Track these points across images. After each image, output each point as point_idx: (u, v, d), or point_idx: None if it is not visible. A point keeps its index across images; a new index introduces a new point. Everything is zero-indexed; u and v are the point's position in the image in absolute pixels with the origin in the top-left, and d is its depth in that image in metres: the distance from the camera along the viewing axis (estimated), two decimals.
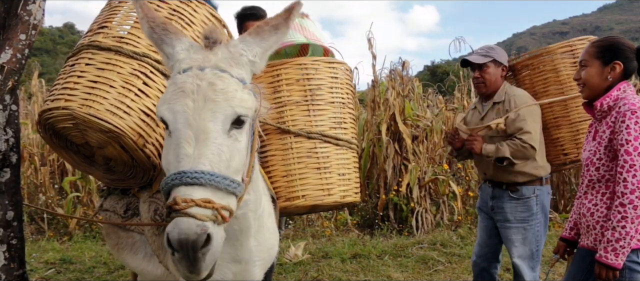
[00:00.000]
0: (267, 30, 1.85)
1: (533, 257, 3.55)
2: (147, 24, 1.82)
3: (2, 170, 2.65)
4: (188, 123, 1.59)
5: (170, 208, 1.48)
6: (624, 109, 2.42)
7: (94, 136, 2.30)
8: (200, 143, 1.57)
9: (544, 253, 5.83)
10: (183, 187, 1.50)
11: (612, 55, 2.55)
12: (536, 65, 3.64)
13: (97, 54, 2.36)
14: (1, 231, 2.64)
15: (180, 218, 1.45)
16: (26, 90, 9.21)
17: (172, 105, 1.63)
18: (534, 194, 3.49)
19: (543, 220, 3.55)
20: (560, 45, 3.59)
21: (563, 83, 3.50)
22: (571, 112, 3.52)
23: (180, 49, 1.76)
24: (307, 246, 6.27)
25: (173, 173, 1.54)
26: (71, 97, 2.25)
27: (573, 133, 3.53)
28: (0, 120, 2.63)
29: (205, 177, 1.52)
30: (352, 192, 2.99)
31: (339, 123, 2.95)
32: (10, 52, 2.63)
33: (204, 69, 1.68)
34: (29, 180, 7.89)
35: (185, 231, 1.43)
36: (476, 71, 3.60)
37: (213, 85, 1.64)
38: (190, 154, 1.55)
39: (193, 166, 1.52)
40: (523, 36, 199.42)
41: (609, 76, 2.55)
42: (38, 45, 30.77)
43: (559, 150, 3.62)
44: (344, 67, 3.09)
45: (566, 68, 3.49)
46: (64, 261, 5.84)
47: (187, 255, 1.45)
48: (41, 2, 2.75)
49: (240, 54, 1.78)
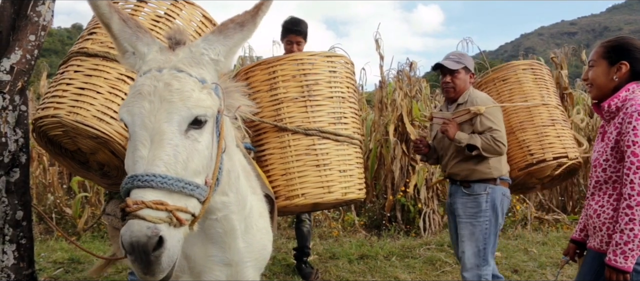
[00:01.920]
0: (231, 28, 1.80)
1: (479, 255, 3.61)
2: (117, 16, 1.75)
3: (12, 170, 2.67)
4: (144, 125, 1.57)
5: (123, 211, 1.47)
6: (631, 110, 2.40)
7: (84, 142, 2.31)
8: (155, 145, 1.54)
9: (553, 255, 5.82)
10: (135, 190, 1.49)
11: (618, 55, 2.53)
12: (501, 78, 4.05)
13: (86, 60, 2.38)
14: (11, 230, 2.65)
15: (132, 221, 1.44)
16: (35, 90, 9.26)
17: (130, 108, 1.61)
18: (485, 191, 3.60)
19: (493, 220, 3.63)
20: (521, 63, 4.08)
21: (526, 93, 3.90)
22: (535, 117, 3.88)
23: (146, 51, 1.74)
24: (315, 247, 6.26)
25: (127, 177, 1.53)
26: (59, 105, 2.26)
27: (538, 135, 3.84)
28: (10, 120, 2.64)
29: (156, 180, 1.49)
30: (355, 189, 2.94)
31: (339, 118, 2.90)
32: (20, 53, 2.65)
33: (162, 70, 1.65)
34: (38, 180, 7.94)
35: (135, 233, 1.41)
36: (447, 76, 3.75)
37: (169, 86, 1.61)
38: (144, 156, 1.53)
39: (146, 169, 1.50)
40: (531, 37, 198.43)
41: (615, 76, 2.53)
42: (47, 46, 30.91)
43: (525, 151, 3.90)
44: (343, 60, 3.04)
45: (528, 81, 3.94)
46: (72, 260, 5.87)
47: (139, 258, 1.43)
48: (50, 4, 2.76)
49: (201, 53, 1.75)
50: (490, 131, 3.52)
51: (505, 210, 3.77)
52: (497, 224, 3.66)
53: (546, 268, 5.42)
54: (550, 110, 3.91)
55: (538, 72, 4.00)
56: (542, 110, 3.88)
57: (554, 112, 3.92)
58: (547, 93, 3.96)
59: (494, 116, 3.59)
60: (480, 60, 9.03)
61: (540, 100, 3.89)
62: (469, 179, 3.65)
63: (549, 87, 4.02)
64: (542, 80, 3.98)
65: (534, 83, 3.95)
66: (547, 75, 4.10)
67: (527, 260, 5.75)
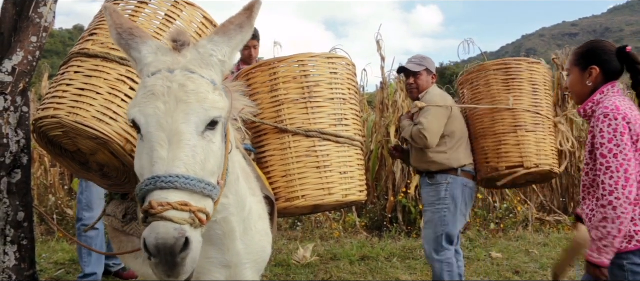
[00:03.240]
0: (232, 30, 1.80)
1: (437, 240, 3.87)
2: (115, 30, 1.77)
3: (14, 171, 2.67)
4: (160, 126, 1.55)
5: (147, 213, 1.44)
6: (598, 113, 2.48)
7: (83, 143, 2.31)
8: (174, 146, 1.53)
9: (554, 257, 5.81)
10: (158, 191, 1.47)
11: (588, 60, 2.61)
12: (472, 79, 4.03)
13: (86, 61, 2.37)
14: (12, 231, 2.66)
15: (157, 223, 1.42)
16: (37, 92, 9.28)
17: (143, 108, 1.59)
18: (446, 181, 3.86)
19: (453, 208, 3.85)
20: (493, 63, 3.97)
21: (493, 97, 3.83)
22: (497, 124, 3.83)
23: (147, 53, 1.72)
24: (316, 248, 6.26)
25: (147, 179, 1.50)
26: (59, 106, 2.26)
27: (496, 144, 3.83)
28: (12, 122, 2.65)
29: (180, 181, 1.48)
30: (355, 191, 2.93)
31: (340, 120, 2.89)
32: (21, 54, 2.65)
33: (174, 71, 1.64)
34: (39, 181, 7.95)
35: (162, 235, 1.40)
36: (410, 78, 4.09)
37: (184, 87, 1.61)
38: (164, 157, 1.51)
39: (167, 170, 1.49)
40: (532, 38, 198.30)
41: (588, 81, 2.60)
42: (48, 47, 31.00)
43: (482, 159, 3.93)
44: (345, 62, 3.03)
45: (498, 83, 3.83)
46: (73, 261, 5.86)
47: (165, 260, 1.42)
48: (52, 5, 2.77)
49: (210, 54, 1.74)
50: (419, 124, 3.80)
51: (469, 200, 3.99)
52: (456, 212, 3.87)
53: (547, 269, 5.41)
54: (516, 116, 3.76)
55: (513, 72, 3.82)
56: (506, 116, 3.77)
57: (521, 117, 3.75)
58: (520, 95, 3.78)
59: (429, 113, 3.82)
60: (481, 61, 9.04)
61: (506, 105, 3.75)
62: (431, 170, 3.92)
63: (524, 88, 3.80)
64: (517, 81, 3.80)
65: (503, 85, 3.81)
66: (528, 75, 3.85)
67: (528, 262, 5.74)
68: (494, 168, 3.83)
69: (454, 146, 3.89)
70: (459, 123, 3.97)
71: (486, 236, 6.86)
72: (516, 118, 3.77)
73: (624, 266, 2.46)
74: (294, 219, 7.40)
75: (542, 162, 3.77)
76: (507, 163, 3.78)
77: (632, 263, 2.44)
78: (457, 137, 3.91)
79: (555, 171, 3.89)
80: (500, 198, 7.81)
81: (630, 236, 2.44)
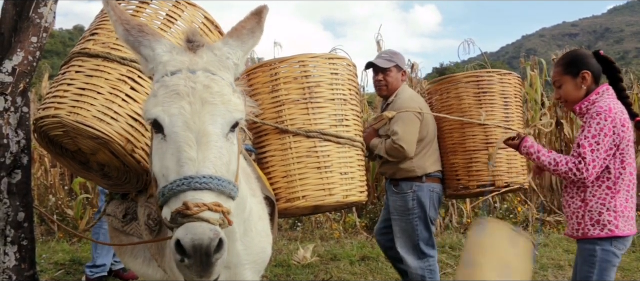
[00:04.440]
0: (245, 34, 1.82)
1: (416, 248, 3.81)
2: (122, 26, 1.76)
3: (14, 172, 2.67)
4: (188, 126, 1.55)
5: (180, 214, 1.44)
6: (592, 111, 2.72)
7: (84, 143, 2.31)
8: (203, 147, 1.53)
9: (554, 257, 5.81)
10: (192, 192, 1.46)
11: (578, 67, 2.83)
12: (443, 90, 3.91)
13: (87, 61, 2.37)
14: (12, 232, 2.65)
15: (193, 223, 1.42)
16: (37, 92, 9.27)
17: (167, 108, 1.58)
18: (411, 190, 3.76)
19: (422, 215, 3.78)
20: (465, 75, 3.86)
21: (464, 111, 3.72)
22: (467, 140, 3.74)
23: (162, 51, 1.72)
24: (316, 249, 6.26)
25: (178, 179, 1.49)
26: (60, 105, 2.26)
27: (466, 161, 3.75)
28: (12, 122, 2.65)
29: (214, 181, 1.49)
30: (356, 191, 2.93)
31: (340, 120, 2.89)
32: (21, 54, 2.65)
33: (195, 71, 1.65)
34: (39, 181, 7.95)
35: (199, 235, 1.40)
36: (379, 74, 3.90)
37: (208, 88, 1.62)
38: (194, 158, 1.51)
39: (198, 170, 1.49)
40: (532, 38, 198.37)
41: (582, 85, 2.82)
42: (48, 48, 31.00)
43: (452, 175, 3.86)
44: (346, 62, 3.03)
45: (469, 97, 3.71)
46: (73, 262, 5.87)
47: (200, 260, 1.42)
48: (52, 5, 2.77)
49: (227, 57, 1.76)
50: (393, 134, 3.61)
51: (437, 203, 3.91)
52: (426, 218, 3.80)
53: (547, 269, 5.41)
54: (488, 132, 3.67)
55: (485, 85, 3.71)
56: (478, 132, 3.68)
57: (492, 133, 3.66)
58: (492, 109, 3.68)
59: (402, 120, 3.64)
60: (481, 61, 9.04)
61: (478, 119, 3.65)
62: (395, 177, 3.81)
63: (496, 102, 3.71)
64: (489, 95, 3.70)
65: (474, 98, 3.70)
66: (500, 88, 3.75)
67: None
68: (464, 186, 3.78)
69: (421, 152, 3.77)
70: (429, 126, 3.83)
71: None
72: (487, 135, 3.68)
73: (595, 252, 2.74)
74: (294, 219, 7.39)
75: (513, 180, 3.73)
76: (477, 182, 3.73)
77: (603, 249, 2.72)
78: (426, 141, 3.80)
79: (525, 186, 3.89)
80: (500, 199, 7.81)
81: (603, 224, 2.70)
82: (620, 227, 2.71)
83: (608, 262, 2.74)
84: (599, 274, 2.73)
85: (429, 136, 3.80)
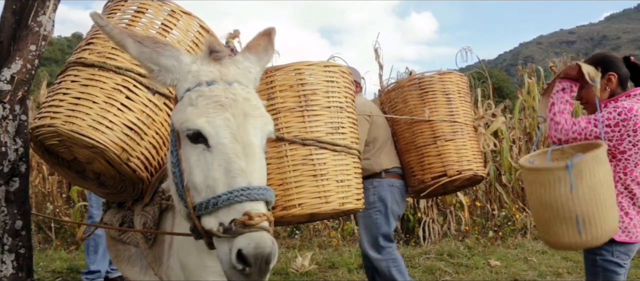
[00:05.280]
0: (261, 51, 1.87)
1: (378, 243, 4.08)
2: (131, 39, 1.74)
3: (12, 180, 2.67)
4: (235, 138, 1.58)
5: (242, 224, 1.47)
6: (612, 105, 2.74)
7: (80, 152, 2.31)
8: (250, 158, 1.57)
9: (553, 264, 5.81)
10: (249, 203, 1.50)
11: (604, 69, 2.82)
12: (391, 98, 4.15)
13: (83, 70, 2.37)
14: (10, 240, 2.65)
15: (255, 233, 1.46)
16: (35, 99, 9.27)
17: (211, 119, 1.60)
18: (372, 186, 4.00)
19: (383, 209, 4.04)
20: (406, 80, 4.10)
21: (411, 112, 3.93)
22: (417, 137, 3.95)
23: (189, 61, 1.73)
24: (314, 257, 6.25)
25: (235, 190, 1.51)
26: (56, 115, 2.26)
27: (419, 157, 3.94)
28: (10, 130, 2.65)
29: (267, 193, 1.55)
30: (352, 199, 2.93)
31: (336, 128, 2.88)
32: (20, 62, 2.66)
33: (232, 83, 1.68)
34: (37, 189, 7.94)
35: (261, 245, 1.44)
36: None
37: (248, 101, 1.66)
38: (245, 169, 1.54)
39: (250, 182, 1.53)
40: (530, 45, 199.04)
41: (607, 87, 2.83)
42: (47, 55, 30.99)
43: (409, 173, 4.06)
44: (342, 70, 3.03)
45: (413, 99, 3.92)
46: (71, 270, 5.86)
47: (259, 269, 1.46)
48: (51, 14, 2.77)
49: (249, 71, 1.79)
50: None
51: (399, 197, 4.13)
52: (387, 212, 4.05)
53: (546, 277, 5.41)
54: (434, 127, 3.85)
55: (426, 85, 3.92)
56: (425, 128, 3.87)
57: (438, 127, 3.84)
58: (435, 106, 3.87)
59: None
60: (479, 69, 9.07)
61: (423, 117, 3.85)
62: None
63: (438, 99, 3.90)
64: (431, 94, 3.89)
65: (418, 99, 3.91)
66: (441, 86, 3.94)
67: (527, 269, 5.74)
68: (421, 181, 3.94)
69: (377, 152, 4.02)
70: (382, 129, 4.07)
71: (485, 244, 6.85)
72: (434, 130, 3.85)
73: (596, 262, 2.74)
74: (292, 227, 7.39)
75: (464, 168, 3.84)
76: (431, 174, 3.88)
77: (604, 259, 2.72)
78: (379, 142, 4.03)
79: (479, 174, 3.96)
80: (499, 206, 7.81)
81: None
82: (619, 234, 2.67)
83: (610, 272, 2.71)
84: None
85: (382, 137, 4.06)
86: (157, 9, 2.55)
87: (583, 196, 2.47)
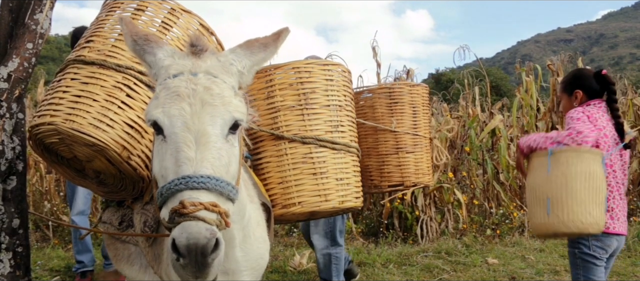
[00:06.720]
0: (256, 46, 1.86)
1: (327, 237, 4.38)
2: (131, 37, 1.81)
3: (9, 178, 2.67)
4: (187, 127, 1.57)
5: (177, 213, 1.44)
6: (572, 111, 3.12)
7: (80, 150, 2.30)
8: (201, 147, 1.54)
9: (551, 262, 5.81)
10: (189, 191, 1.47)
11: (572, 86, 3.26)
12: (357, 101, 4.11)
13: (82, 68, 2.37)
14: (7, 238, 2.64)
15: (188, 222, 1.42)
16: (32, 98, 9.25)
17: (166, 109, 1.60)
18: None
19: None
20: (378, 87, 4.18)
21: (377, 119, 3.98)
22: (380, 145, 4.01)
23: (163, 56, 1.76)
24: (312, 255, 6.24)
25: (176, 178, 1.50)
26: (56, 113, 2.26)
27: (379, 164, 4.00)
28: (7, 128, 2.64)
29: (211, 181, 1.49)
30: (351, 197, 2.93)
31: (336, 126, 2.89)
32: (17, 60, 2.65)
33: (197, 73, 1.67)
34: (35, 187, 7.91)
35: (194, 235, 1.40)
36: None
37: (209, 90, 1.63)
38: (192, 158, 1.52)
39: (196, 170, 1.50)
40: (527, 44, 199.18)
41: (575, 103, 3.22)
42: (44, 53, 30.91)
43: (366, 175, 4.06)
44: (340, 68, 3.04)
45: (382, 107, 3.96)
46: (69, 268, 5.84)
47: (195, 260, 1.41)
48: (48, 12, 2.77)
49: (231, 63, 1.78)
50: None
51: None
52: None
53: (544, 275, 5.42)
54: (398, 138, 3.95)
55: (396, 96, 3.98)
56: (390, 138, 3.96)
57: (402, 139, 3.95)
58: (402, 118, 3.96)
59: None
60: (477, 67, 9.07)
61: (390, 127, 3.93)
62: None
63: (406, 111, 3.99)
64: (399, 105, 3.96)
65: (387, 108, 3.96)
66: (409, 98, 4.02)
67: (524, 267, 5.75)
68: (376, 186, 4.04)
69: None
70: None
71: (482, 242, 6.86)
72: (398, 141, 3.95)
73: (575, 253, 3.04)
74: (291, 225, 7.39)
75: (420, 180, 4.02)
76: (388, 182, 3.99)
77: (581, 251, 3.01)
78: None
79: (429, 184, 4.24)
80: (497, 204, 7.82)
81: None
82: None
83: (589, 263, 2.99)
84: (585, 274, 2.99)
85: None
86: (157, 7, 2.55)
87: (555, 180, 2.84)
